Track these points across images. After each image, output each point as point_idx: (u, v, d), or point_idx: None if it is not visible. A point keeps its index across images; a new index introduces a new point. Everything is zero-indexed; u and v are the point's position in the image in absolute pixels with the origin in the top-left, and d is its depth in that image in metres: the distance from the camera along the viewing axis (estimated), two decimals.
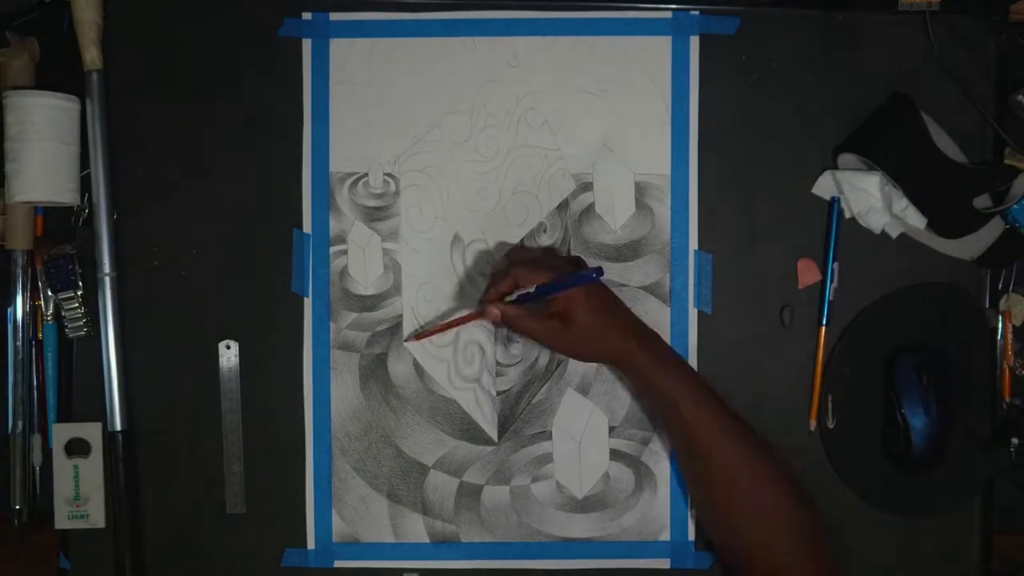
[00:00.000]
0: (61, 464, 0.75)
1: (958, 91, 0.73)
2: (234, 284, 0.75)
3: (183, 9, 0.75)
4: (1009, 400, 0.75)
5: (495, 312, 0.67)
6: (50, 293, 0.74)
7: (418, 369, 0.75)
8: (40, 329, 0.75)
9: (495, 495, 0.75)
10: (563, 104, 0.75)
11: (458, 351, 0.75)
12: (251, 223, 0.75)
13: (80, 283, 0.74)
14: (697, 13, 0.74)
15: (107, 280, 0.74)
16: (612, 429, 0.75)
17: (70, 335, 0.74)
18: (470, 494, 0.75)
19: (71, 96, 0.72)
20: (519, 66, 0.75)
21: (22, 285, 0.74)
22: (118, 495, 0.73)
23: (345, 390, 0.75)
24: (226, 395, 0.75)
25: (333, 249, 0.75)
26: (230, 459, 0.75)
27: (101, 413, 0.74)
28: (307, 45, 0.75)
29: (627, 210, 0.75)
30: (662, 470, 0.75)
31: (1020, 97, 0.72)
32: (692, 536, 0.75)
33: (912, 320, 0.74)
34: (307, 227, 0.75)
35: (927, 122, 0.71)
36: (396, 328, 0.75)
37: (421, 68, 0.75)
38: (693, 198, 0.74)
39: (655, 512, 0.75)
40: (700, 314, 0.75)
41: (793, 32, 0.74)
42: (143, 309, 0.75)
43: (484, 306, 0.68)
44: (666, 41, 0.74)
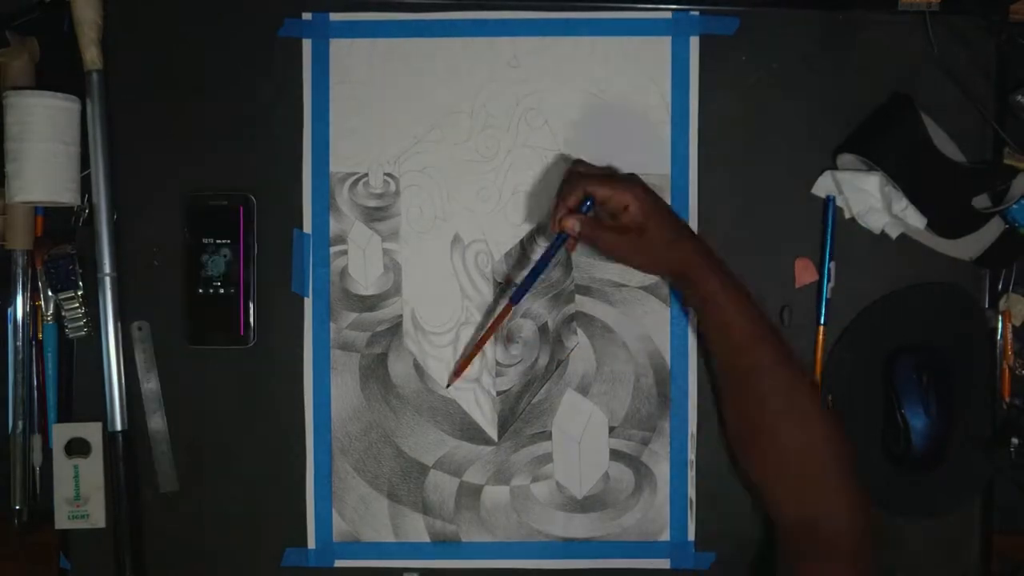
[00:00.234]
0: (61, 464, 0.75)
1: (958, 91, 0.73)
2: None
3: (183, 9, 0.75)
4: (1009, 400, 0.75)
5: (575, 225, 0.66)
6: (50, 293, 0.74)
7: (418, 369, 0.75)
8: (40, 329, 0.75)
9: (495, 495, 0.75)
10: (563, 104, 0.75)
11: (458, 351, 0.75)
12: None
13: (80, 283, 0.74)
14: (697, 13, 0.74)
15: (107, 280, 0.74)
16: (612, 429, 0.75)
17: (70, 335, 0.74)
18: (470, 494, 0.75)
19: (71, 96, 0.72)
20: (519, 66, 0.75)
21: (22, 285, 0.74)
22: (118, 495, 0.74)
23: (345, 390, 0.75)
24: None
25: (333, 249, 0.75)
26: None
27: (101, 413, 0.74)
28: (307, 45, 0.75)
29: None
30: (662, 470, 0.75)
31: (1019, 97, 0.72)
32: (692, 536, 0.75)
33: (912, 320, 0.74)
34: (307, 227, 0.75)
35: (927, 122, 0.71)
36: (396, 328, 0.75)
37: (421, 68, 0.75)
38: (693, 198, 0.74)
39: (655, 512, 0.75)
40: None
41: (793, 32, 0.74)
42: (143, 309, 0.75)
43: (561, 220, 0.67)
44: (666, 41, 0.74)
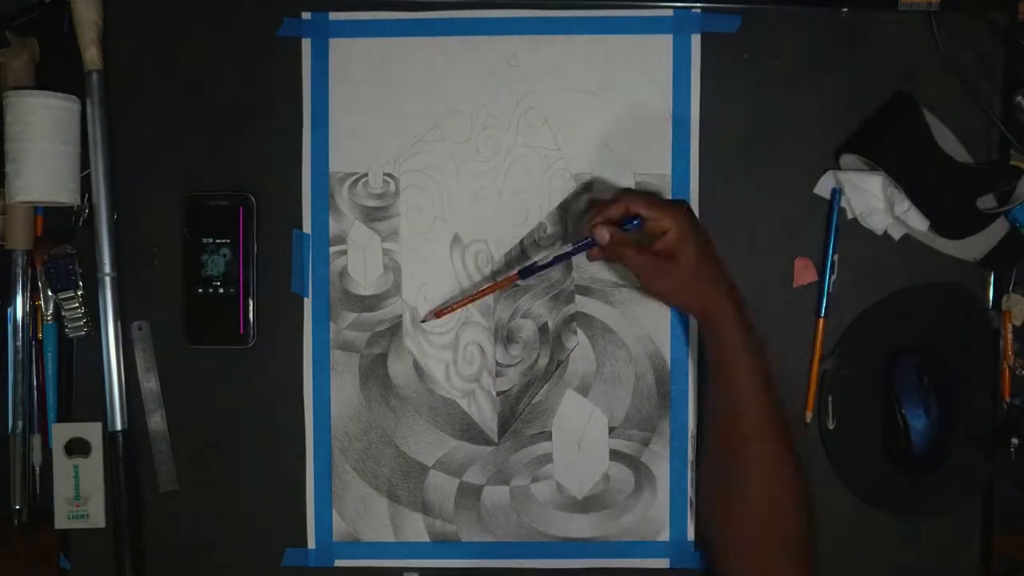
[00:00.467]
0: (61, 464, 0.75)
1: (962, 91, 0.73)
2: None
3: (183, 9, 0.75)
4: (1009, 400, 0.74)
5: (605, 235, 0.66)
6: (50, 293, 0.74)
7: (418, 369, 0.75)
8: (40, 329, 0.75)
9: (495, 495, 0.75)
10: (563, 104, 0.75)
11: (458, 351, 0.75)
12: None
13: (80, 283, 0.74)
14: (698, 11, 0.74)
15: (107, 280, 0.74)
16: (612, 429, 0.75)
17: (70, 335, 0.74)
18: (470, 494, 0.75)
19: (71, 96, 0.72)
20: (519, 66, 0.75)
21: (22, 285, 0.74)
22: (118, 495, 0.74)
23: (345, 390, 0.75)
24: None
25: (333, 249, 0.75)
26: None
27: (101, 413, 0.74)
28: (307, 45, 0.75)
29: None
30: (662, 470, 0.75)
31: (1020, 98, 0.72)
32: (691, 536, 0.75)
33: (914, 321, 0.74)
34: (307, 227, 0.75)
35: (931, 121, 0.71)
36: (396, 328, 0.75)
37: (421, 68, 0.75)
38: (694, 198, 0.74)
39: (654, 512, 0.75)
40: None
41: (795, 30, 0.74)
42: (143, 309, 0.75)
43: (593, 228, 0.66)
44: (667, 39, 0.74)
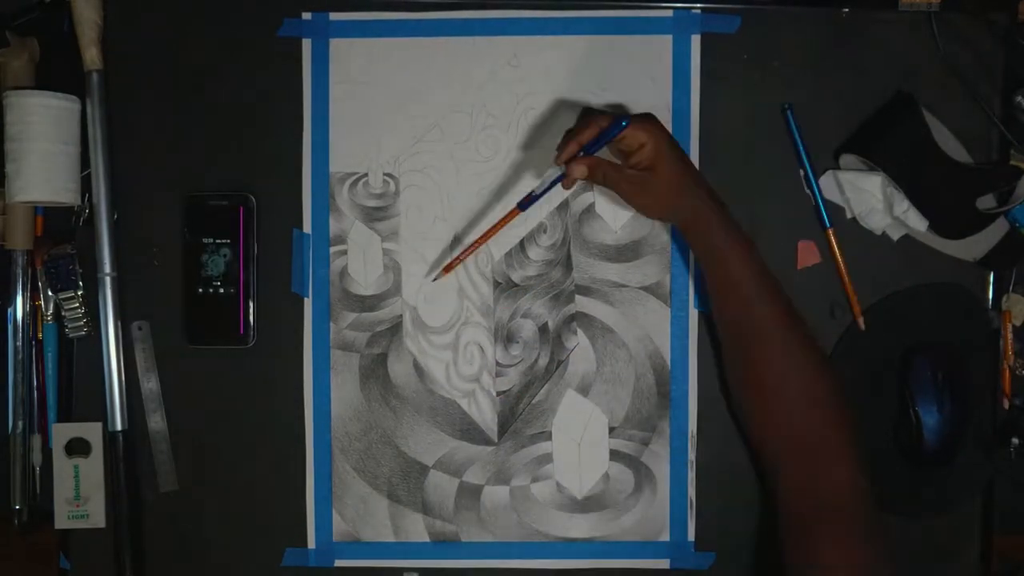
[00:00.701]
0: (61, 464, 0.75)
1: (962, 91, 0.73)
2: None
3: (183, 9, 0.75)
4: (1009, 400, 0.75)
5: (582, 169, 0.66)
6: (50, 293, 0.74)
7: (418, 369, 0.75)
8: (40, 329, 0.75)
9: (495, 495, 0.75)
10: (563, 104, 0.75)
11: (458, 351, 0.75)
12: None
13: (80, 283, 0.74)
14: (698, 11, 0.74)
15: (107, 280, 0.74)
16: (612, 429, 0.75)
17: (70, 335, 0.74)
18: (470, 494, 0.75)
19: (71, 96, 0.72)
20: (519, 66, 0.75)
21: (22, 285, 0.74)
22: (118, 495, 0.74)
23: (345, 390, 0.75)
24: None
25: (333, 249, 0.75)
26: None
27: (101, 413, 0.74)
28: (307, 45, 0.75)
29: (628, 210, 0.74)
30: (662, 471, 0.75)
31: (1020, 99, 0.72)
32: (692, 536, 0.75)
33: (914, 321, 0.74)
34: (307, 227, 0.75)
35: (931, 121, 0.71)
36: (396, 328, 0.75)
37: (421, 68, 0.75)
38: None
39: (655, 512, 0.75)
40: (700, 315, 0.75)
41: (795, 30, 0.74)
42: (143, 309, 0.75)
43: (569, 164, 0.66)
44: (667, 40, 0.74)
